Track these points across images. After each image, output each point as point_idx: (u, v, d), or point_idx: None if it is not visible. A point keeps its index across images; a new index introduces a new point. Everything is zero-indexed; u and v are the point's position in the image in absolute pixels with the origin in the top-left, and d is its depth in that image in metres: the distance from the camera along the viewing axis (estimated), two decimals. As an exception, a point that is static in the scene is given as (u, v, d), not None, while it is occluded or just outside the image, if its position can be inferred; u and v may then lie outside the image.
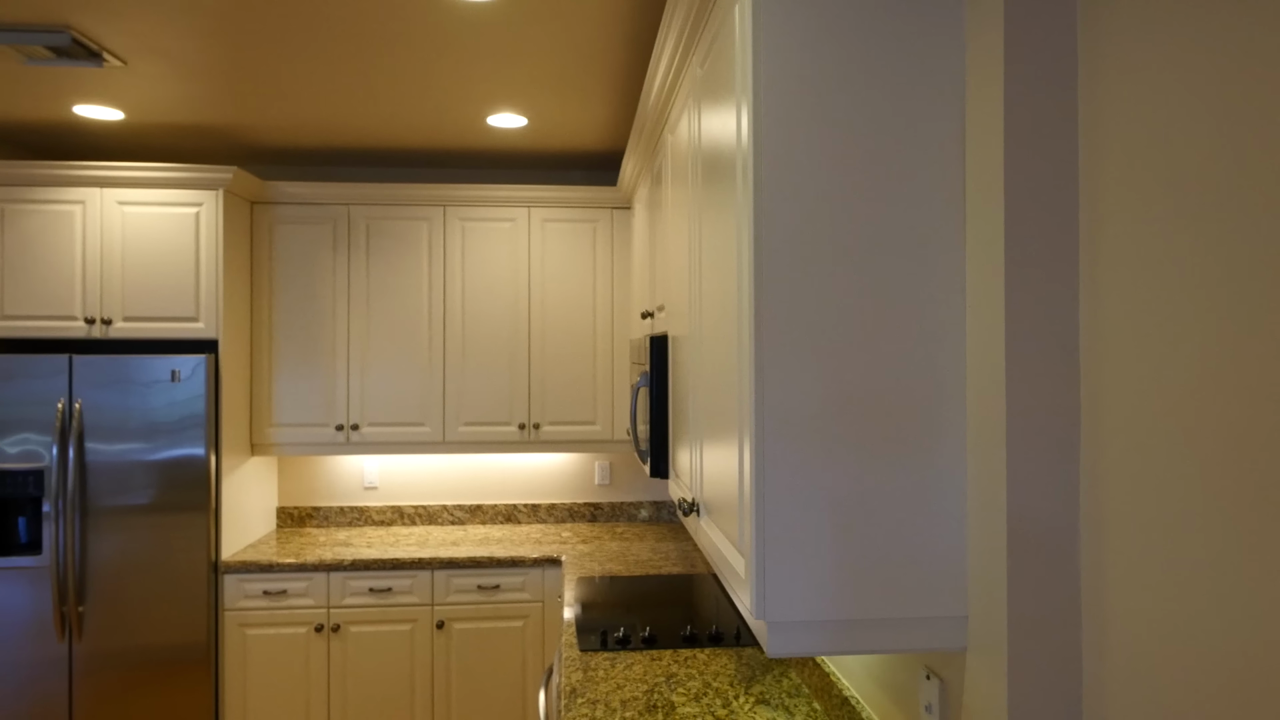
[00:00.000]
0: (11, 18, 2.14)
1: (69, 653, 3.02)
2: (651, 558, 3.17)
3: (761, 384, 1.18)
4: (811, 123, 1.20)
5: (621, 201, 3.54)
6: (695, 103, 1.73)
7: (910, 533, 1.19)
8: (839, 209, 1.20)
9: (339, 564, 3.14)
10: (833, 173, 1.20)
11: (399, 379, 3.46)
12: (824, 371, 1.19)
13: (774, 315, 1.19)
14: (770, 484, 1.18)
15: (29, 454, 3.01)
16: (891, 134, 1.20)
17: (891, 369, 1.20)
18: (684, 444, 1.89)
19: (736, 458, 1.29)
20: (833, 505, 1.18)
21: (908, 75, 1.21)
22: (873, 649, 1.20)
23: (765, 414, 1.18)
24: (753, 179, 1.20)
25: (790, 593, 1.17)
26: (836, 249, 1.19)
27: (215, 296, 3.14)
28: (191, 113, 2.97)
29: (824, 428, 1.18)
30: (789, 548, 1.17)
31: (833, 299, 1.19)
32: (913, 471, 1.19)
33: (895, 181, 1.20)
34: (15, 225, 3.11)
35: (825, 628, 1.19)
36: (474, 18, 2.15)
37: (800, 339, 1.19)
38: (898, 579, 1.19)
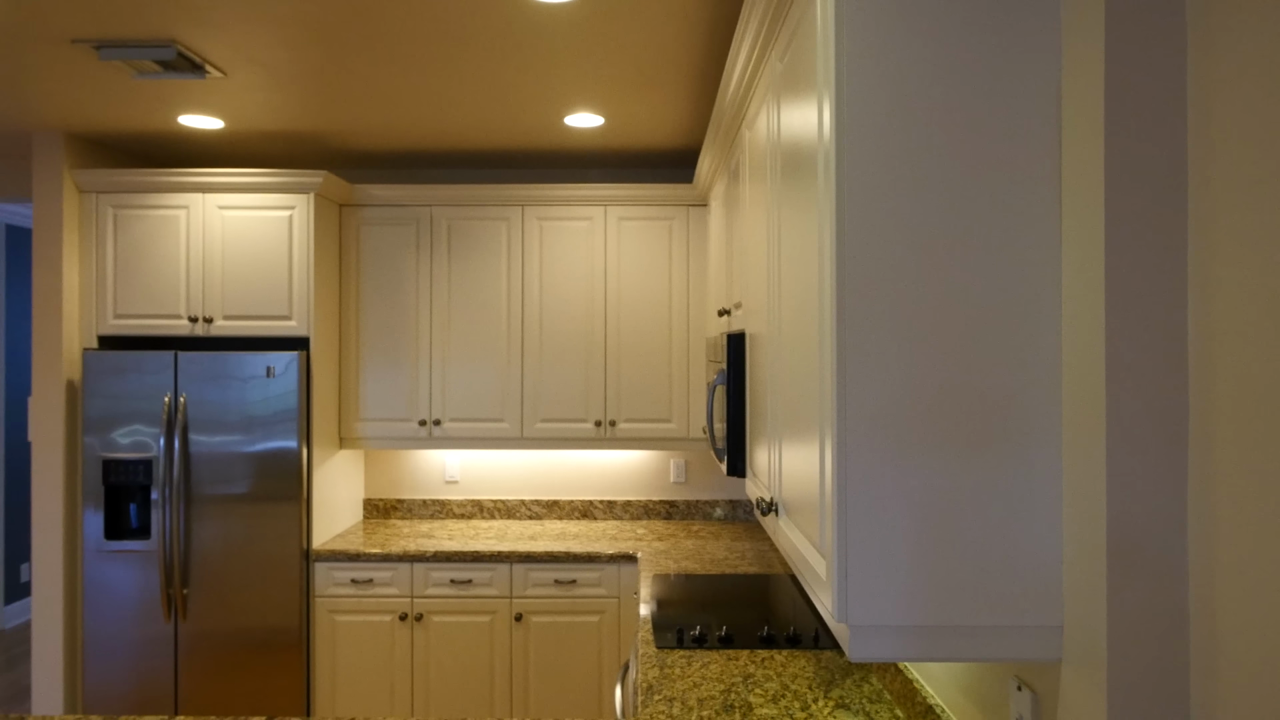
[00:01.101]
0: (122, 34, 2.27)
1: (174, 632, 3.21)
2: (727, 556, 3.15)
3: (844, 382, 1.16)
4: (896, 115, 1.16)
5: (697, 199, 3.53)
6: (774, 97, 1.71)
7: (1001, 536, 1.15)
8: (925, 203, 1.16)
9: (422, 555, 3.23)
10: (919, 165, 1.16)
11: (479, 376, 3.54)
12: (909, 369, 1.16)
13: (857, 312, 1.16)
14: (853, 484, 1.16)
15: (139, 444, 3.20)
16: (981, 124, 1.16)
17: (981, 366, 1.16)
18: (762, 442, 1.87)
19: (817, 457, 1.27)
20: (919, 507, 1.15)
21: (997, 61, 1.16)
22: (959, 657, 1.16)
23: (847, 412, 1.16)
24: (835, 173, 1.17)
25: (874, 596, 1.15)
26: (922, 243, 1.16)
27: (307, 295, 3.28)
28: (285, 120, 3.10)
29: (909, 426, 1.15)
30: (873, 550, 1.15)
31: (918, 294, 1.16)
32: (1003, 472, 1.15)
33: (985, 172, 1.16)
34: (127, 230, 3.31)
35: (910, 633, 1.16)
36: (552, 19, 2.17)
37: (884, 336, 1.16)
38: (987, 585, 1.15)
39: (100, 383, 3.20)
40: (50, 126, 3.21)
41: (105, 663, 3.20)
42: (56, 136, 3.28)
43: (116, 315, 3.31)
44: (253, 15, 2.15)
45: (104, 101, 2.88)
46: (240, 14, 2.14)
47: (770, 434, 1.73)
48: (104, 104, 2.91)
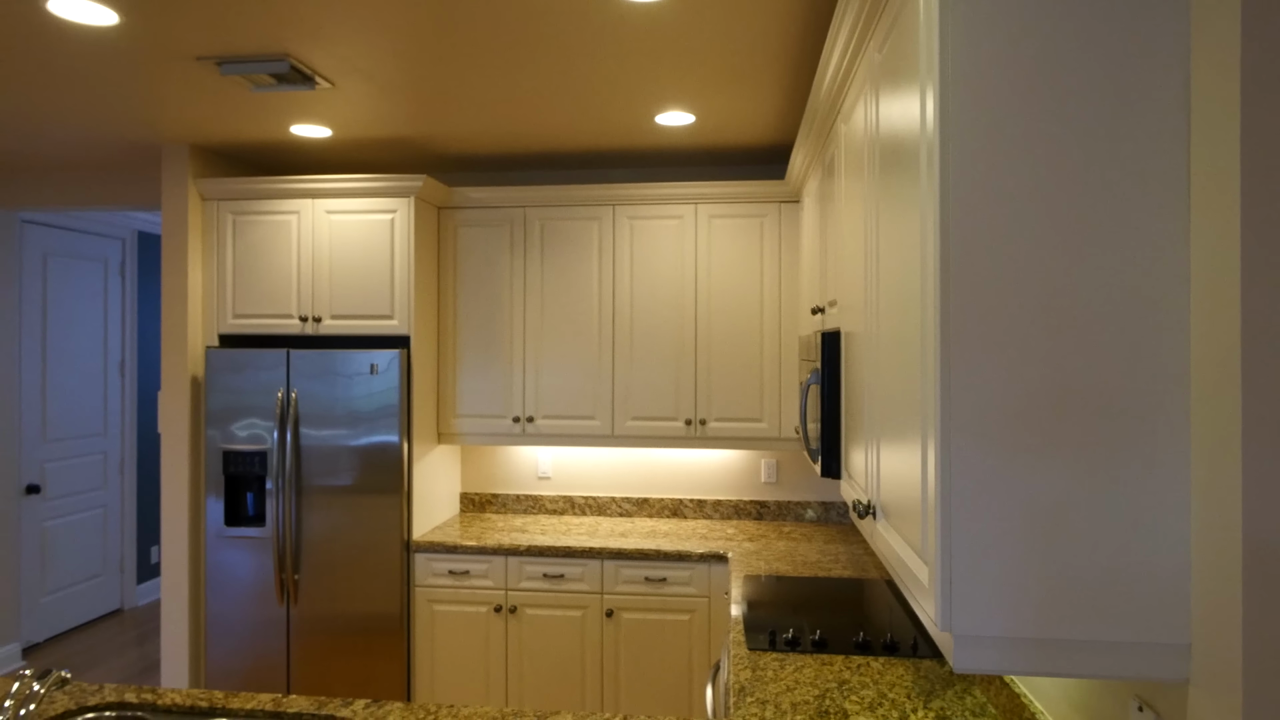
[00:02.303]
0: (241, 51, 2.41)
1: (287, 615, 3.38)
2: (820, 559, 3.09)
3: (947, 381, 1.12)
4: (1004, 105, 1.11)
5: (789, 195, 3.48)
6: (873, 89, 1.67)
7: (1122, 546, 1.08)
8: (1036, 194, 1.11)
9: (516, 549, 3.30)
10: (1029, 155, 1.11)
11: (570, 374, 3.59)
12: (1019, 368, 1.10)
13: (961, 308, 1.12)
14: (958, 488, 1.11)
15: (255, 437, 3.39)
16: (1098, 109, 1.09)
17: (1099, 364, 1.09)
18: (858, 443, 1.83)
19: (919, 459, 1.23)
20: (1030, 513, 1.10)
21: (1118, 42, 1.09)
22: (1073, 673, 1.10)
23: (951, 414, 1.12)
24: (939, 166, 1.13)
25: (980, 605, 1.10)
26: (1033, 236, 1.10)
27: (407, 295, 3.40)
28: (387, 126, 3.22)
29: (1020, 429, 1.10)
30: (979, 557, 1.10)
31: (1029, 290, 1.10)
32: (1124, 477, 1.08)
33: (1102, 161, 1.09)
34: (244, 235, 3.51)
35: (1019, 645, 1.10)
36: (645, 18, 2.18)
37: (991, 334, 1.11)
38: (1105, 597, 1.08)
39: (221, 379, 3.41)
40: (177, 139, 3.44)
41: (225, 641, 3.41)
42: (182, 149, 3.51)
43: (235, 315, 3.52)
44: (360, 27, 2.24)
45: (224, 114, 3.06)
46: (348, 26, 2.23)
47: (867, 435, 1.69)
48: (224, 116, 3.09)
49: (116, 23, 2.20)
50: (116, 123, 3.18)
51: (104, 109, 2.99)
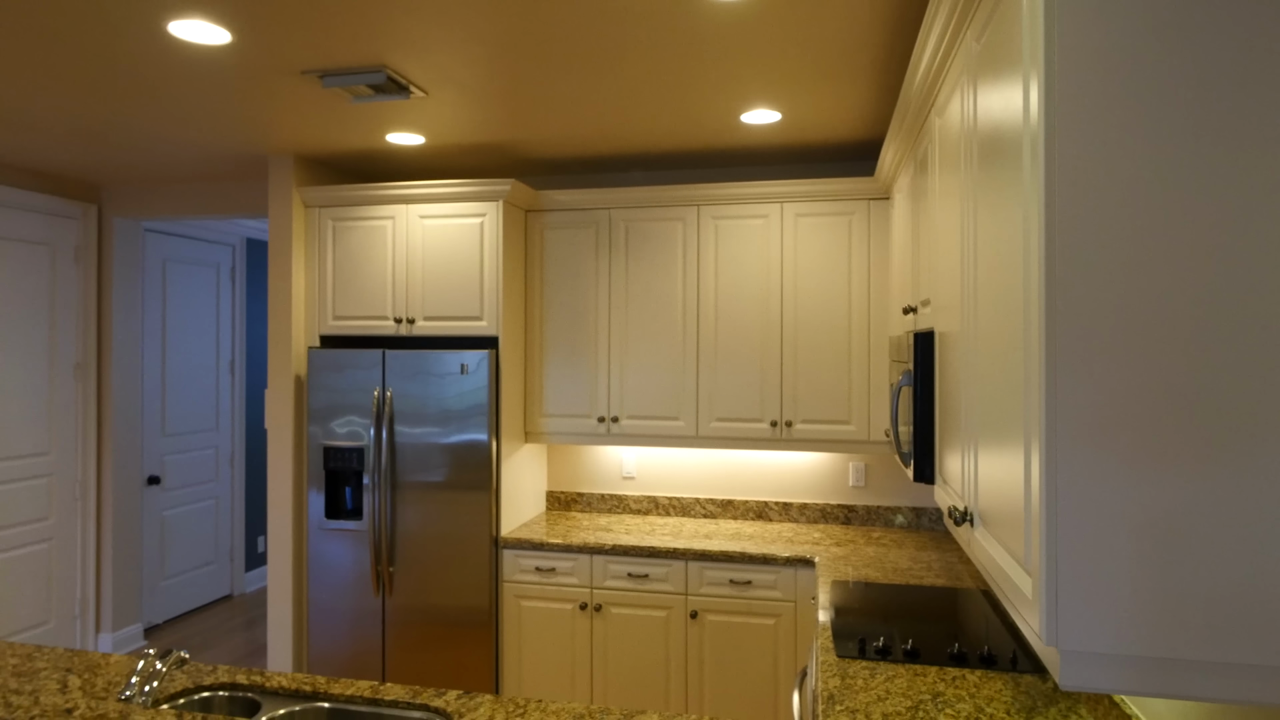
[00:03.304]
0: (341, 64, 2.52)
1: (382, 605, 3.51)
2: (911, 566, 3.00)
3: (1053, 384, 1.06)
4: (1115, 92, 1.05)
5: (879, 192, 3.39)
6: (970, 80, 1.61)
7: (1247, 562, 1.01)
8: (1150, 186, 1.04)
9: (600, 548, 3.33)
10: (1145, 147, 1.04)
11: (655, 374, 3.60)
12: (1133, 369, 1.04)
13: (1069, 307, 1.06)
14: (1065, 495, 1.06)
15: (353, 434, 3.54)
16: (1222, 92, 1.02)
17: (1223, 365, 1.02)
18: (954, 447, 1.76)
19: (1021, 465, 1.18)
20: (1146, 523, 1.03)
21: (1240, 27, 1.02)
22: (1193, 695, 1.03)
23: (1057, 418, 1.06)
24: (1043, 158, 1.08)
25: (1089, 620, 1.04)
26: (1147, 230, 1.04)
27: (496, 297, 3.48)
28: (477, 132, 3.31)
29: (1133, 432, 1.04)
30: (1089, 569, 1.04)
31: (1142, 286, 1.04)
32: (1251, 489, 1.01)
33: (1227, 148, 1.02)
34: (343, 240, 3.67)
35: (1132, 664, 1.04)
36: (730, 17, 2.16)
37: (1101, 333, 1.05)
38: (1230, 616, 1.01)
39: (321, 378, 3.57)
40: (282, 150, 3.62)
41: (325, 629, 3.57)
42: (287, 159, 3.69)
43: (335, 317, 3.68)
44: (453, 37, 2.30)
45: (325, 125, 3.20)
46: (442, 37, 2.30)
47: (964, 438, 1.62)
48: (325, 127, 3.23)
49: (229, 41, 2.33)
50: (228, 136, 3.37)
51: (217, 123, 3.17)
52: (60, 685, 1.81)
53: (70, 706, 1.69)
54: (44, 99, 2.88)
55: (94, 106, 2.96)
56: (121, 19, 2.18)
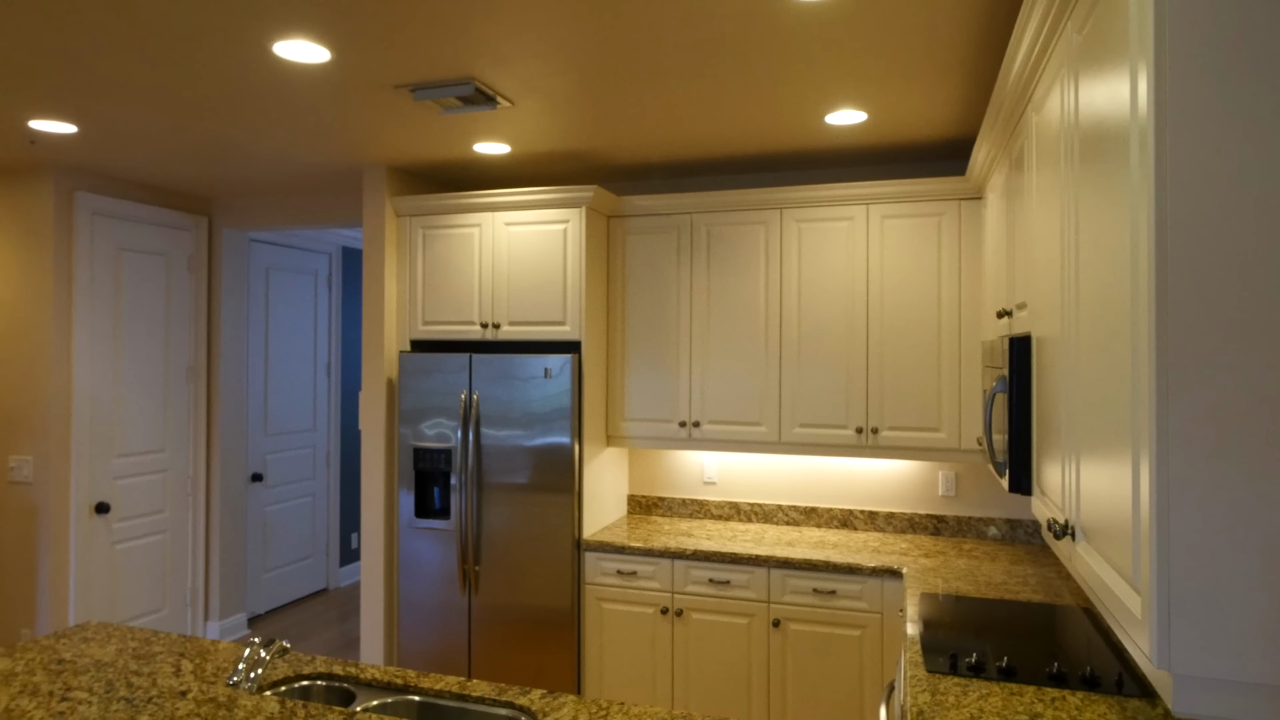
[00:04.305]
0: (432, 77, 2.60)
1: (468, 603, 3.60)
2: (1006, 580, 2.88)
3: (1164, 391, 1.01)
4: (1231, 81, 0.99)
5: (970, 192, 3.28)
6: (1070, 74, 1.54)
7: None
8: (1272, 181, 0.97)
9: (682, 553, 3.33)
10: (1261, 139, 0.97)
11: (737, 379, 3.57)
12: (1254, 375, 0.97)
13: (1181, 310, 1.00)
14: (1178, 510, 1.00)
15: (441, 435, 3.64)
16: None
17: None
18: (1053, 457, 1.68)
19: (1129, 477, 1.12)
20: (1271, 540, 0.96)
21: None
22: (1326, 728, 0.96)
23: (1169, 427, 1.00)
24: (1153, 152, 1.02)
25: (1205, 643, 0.98)
26: (1264, 229, 0.97)
27: (579, 302, 3.52)
28: (561, 140, 3.36)
29: (1255, 444, 0.97)
30: (1206, 588, 0.98)
31: (1262, 288, 0.97)
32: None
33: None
34: (432, 247, 3.78)
35: (1255, 692, 0.97)
36: (814, 17, 2.13)
37: (1217, 337, 0.99)
38: (1369, 645, 0.93)
39: (411, 381, 3.69)
40: (376, 162, 3.76)
41: (414, 624, 3.68)
42: (380, 170, 3.83)
43: (424, 322, 3.80)
44: (539, 48, 2.35)
45: (416, 136, 3.31)
46: (529, 48, 2.35)
47: (1064, 448, 1.55)
48: (415, 138, 3.35)
49: (328, 60, 2.44)
50: (326, 149, 3.52)
51: (316, 138, 3.33)
52: (174, 669, 1.92)
53: (184, 689, 1.79)
54: (161, 118, 3.08)
55: (205, 124, 3.15)
56: (230, 42, 2.31)
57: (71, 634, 2.16)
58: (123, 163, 3.83)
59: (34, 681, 1.82)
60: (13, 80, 2.65)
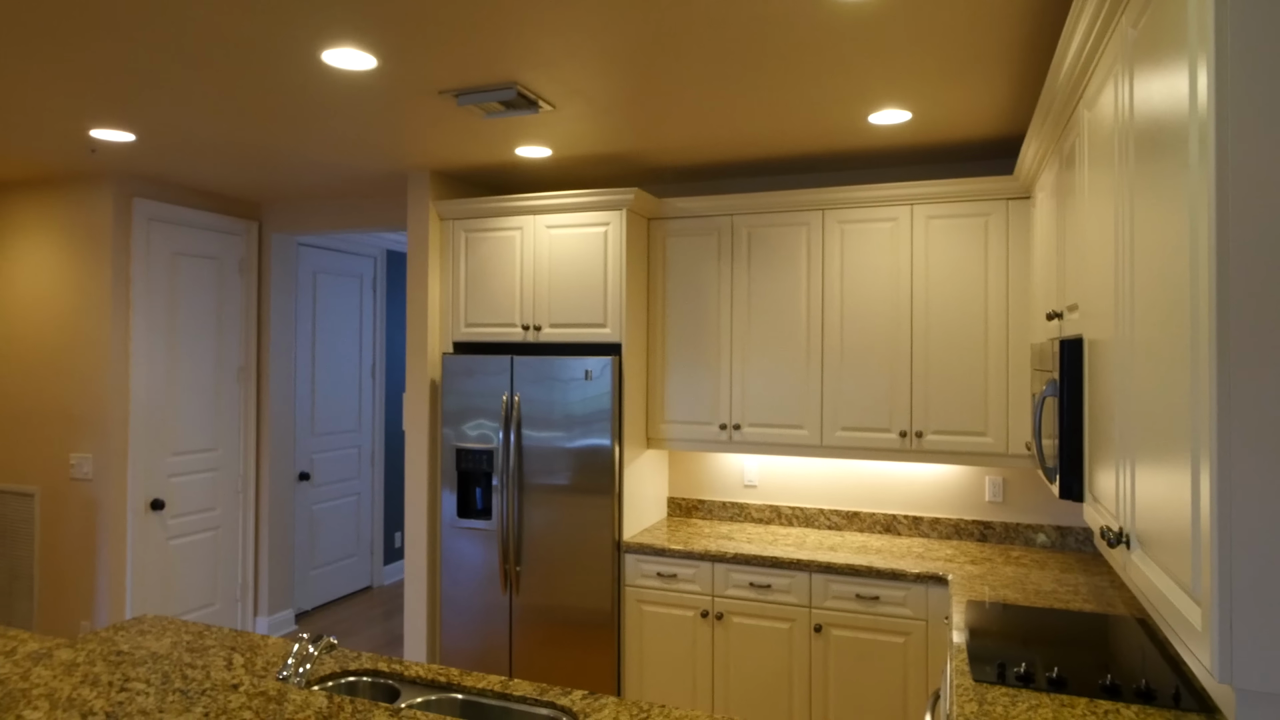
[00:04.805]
0: (475, 82, 2.63)
1: (509, 603, 3.63)
2: (1056, 589, 2.82)
3: (1226, 394, 0.97)
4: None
5: (1018, 191, 3.21)
6: (1124, 69, 1.50)
7: None
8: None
9: (722, 556, 3.31)
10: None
11: (778, 381, 3.55)
12: (1324, 383, 0.94)
13: (1244, 311, 0.97)
14: (1240, 517, 0.96)
15: (483, 436, 3.68)
16: None
17: None
18: (1106, 463, 1.64)
19: (1189, 483, 1.08)
20: (1339, 555, 0.92)
21: None
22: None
23: (1232, 431, 0.97)
24: (1213, 149, 0.99)
25: (1272, 657, 0.94)
26: (1345, 227, 0.93)
27: (619, 305, 3.53)
28: (602, 143, 3.37)
29: (1324, 455, 0.93)
30: (1271, 598, 0.95)
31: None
32: None
33: None
34: (474, 250, 3.83)
35: (1324, 709, 0.93)
36: (857, 16, 2.11)
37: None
38: None
39: (454, 382, 3.74)
40: (420, 166, 3.82)
41: (456, 622, 3.72)
42: (424, 174, 3.89)
43: (467, 324, 3.84)
44: (581, 52, 2.36)
45: (459, 141, 3.35)
46: (571, 52, 2.37)
47: (1118, 453, 1.51)
48: (459, 143, 3.39)
49: (375, 67, 2.48)
50: (371, 155, 3.59)
51: (362, 143, 3.39)
52: (226, 662, 1.97)
53: (236, 682, 1.84)
54: (214, 126, 3.16)
55: (256, 131, 3.23)
56: (281, 51, 2.36)
57: (129, 626, 2.23)
58: (178, 169, 3.95)
59: (94, 672, 1.88)
60: (76, 91, 2.75)
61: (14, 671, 1.88)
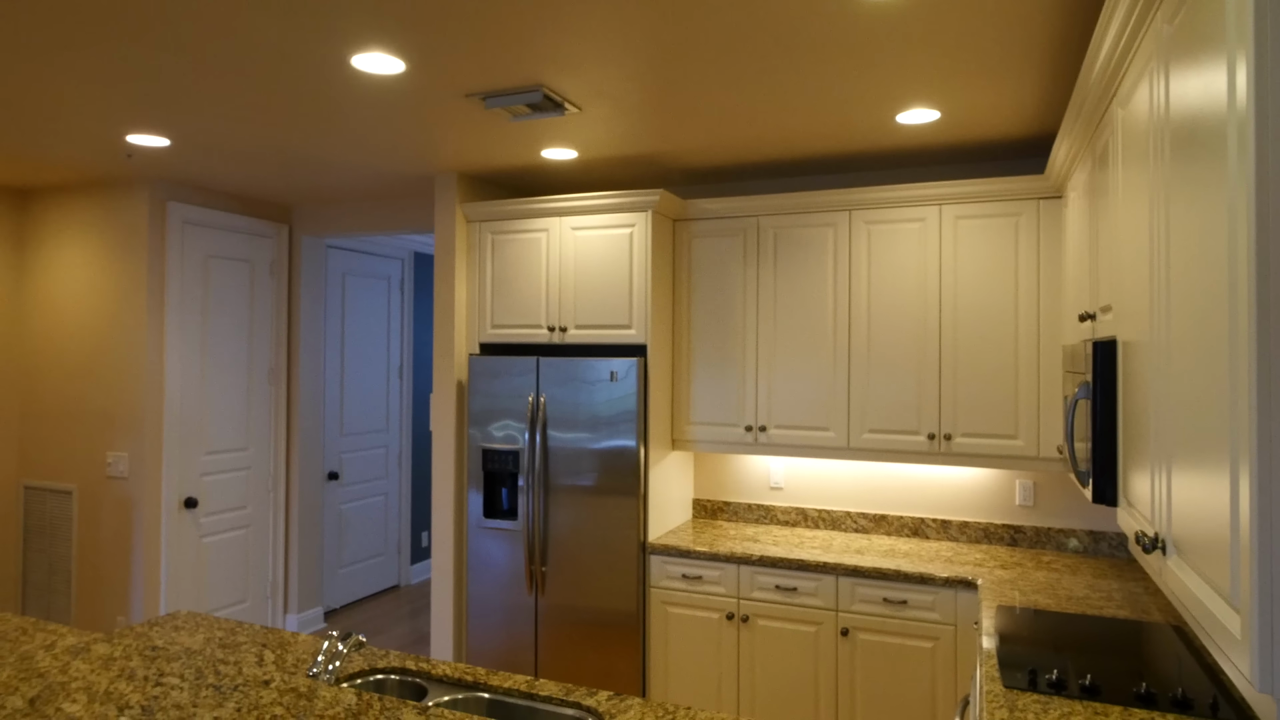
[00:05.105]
0: (501, 86, 2.65)
1: (535, 603, 3.64)
2: (1088, 595, 2.77)
3: (1267, 396, 0.95)
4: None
5: (1049, 191, 3.17)
6: (1160, 66, 1.47)
7: None
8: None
9: (748, 558, 3.30)
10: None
11: (804, 383, 3.53)
12: (1370, 386, 0.91)
13: (1286, 314, 0.94)
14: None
15: (509, 437, 3.70)
16: None
17: None
18: (1141, 466, 1.61)
19: (1227, 487, 1.06)
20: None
21: None
22: None
23: (1273, 434, 0.95)
24: (1254, 146, 0.97)
25: (1314, 667, 0.92)
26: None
27: (645, 306, 3.53)
28: (627, 145, 3.38)
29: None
30: (1313, 610, 0.92)
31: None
32: None
33: None
34: (501, 253, 3.85)
35: (1370, 721, 0.91)
36: (884, 16, 2.09)
37: (1329, 344, 0.93)
38: None
39: (480, 383, 3.76)
40: (447, 169, 3.85)
41: (482, 622, 3.75)
42: (451, 177, 3.92)
43: (493, 325, 3.87)
44: (607, 54, 2.37)
45: (485, 143, 3.38)
46: (595, 53, 2.37)
47: (1154, 457, 1.48)
48: (485, 145, 3.41)
49: (403, 71, 2.51)
50: (399, 158, 3.62)
51: (390, 147, 3.43)
52: (258, 659, 2.00)
53: (267, 678, 1.86)
54: (246, 130, 3.22)
55: (286, 135, 3.27)
56: (312, 56, 2.40)
57: (163, 622, 2.27)
58: (210, 173, 4.02)
59: (130, 666, 1.92)
60: (113, 98, 2.81)
61: (54, 665, 1.92)
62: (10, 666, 1.91)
